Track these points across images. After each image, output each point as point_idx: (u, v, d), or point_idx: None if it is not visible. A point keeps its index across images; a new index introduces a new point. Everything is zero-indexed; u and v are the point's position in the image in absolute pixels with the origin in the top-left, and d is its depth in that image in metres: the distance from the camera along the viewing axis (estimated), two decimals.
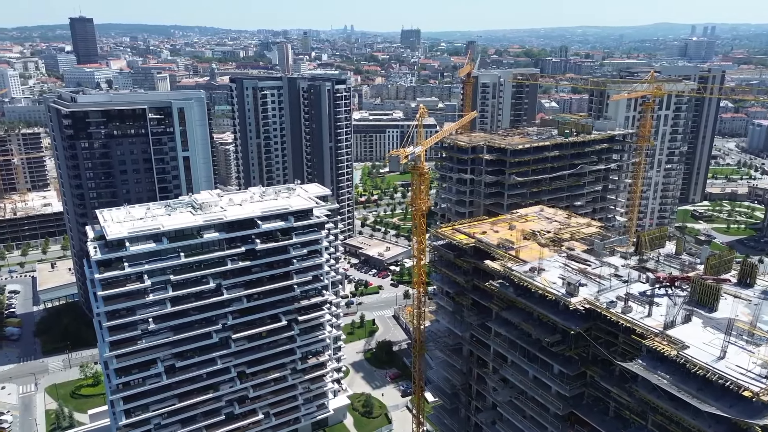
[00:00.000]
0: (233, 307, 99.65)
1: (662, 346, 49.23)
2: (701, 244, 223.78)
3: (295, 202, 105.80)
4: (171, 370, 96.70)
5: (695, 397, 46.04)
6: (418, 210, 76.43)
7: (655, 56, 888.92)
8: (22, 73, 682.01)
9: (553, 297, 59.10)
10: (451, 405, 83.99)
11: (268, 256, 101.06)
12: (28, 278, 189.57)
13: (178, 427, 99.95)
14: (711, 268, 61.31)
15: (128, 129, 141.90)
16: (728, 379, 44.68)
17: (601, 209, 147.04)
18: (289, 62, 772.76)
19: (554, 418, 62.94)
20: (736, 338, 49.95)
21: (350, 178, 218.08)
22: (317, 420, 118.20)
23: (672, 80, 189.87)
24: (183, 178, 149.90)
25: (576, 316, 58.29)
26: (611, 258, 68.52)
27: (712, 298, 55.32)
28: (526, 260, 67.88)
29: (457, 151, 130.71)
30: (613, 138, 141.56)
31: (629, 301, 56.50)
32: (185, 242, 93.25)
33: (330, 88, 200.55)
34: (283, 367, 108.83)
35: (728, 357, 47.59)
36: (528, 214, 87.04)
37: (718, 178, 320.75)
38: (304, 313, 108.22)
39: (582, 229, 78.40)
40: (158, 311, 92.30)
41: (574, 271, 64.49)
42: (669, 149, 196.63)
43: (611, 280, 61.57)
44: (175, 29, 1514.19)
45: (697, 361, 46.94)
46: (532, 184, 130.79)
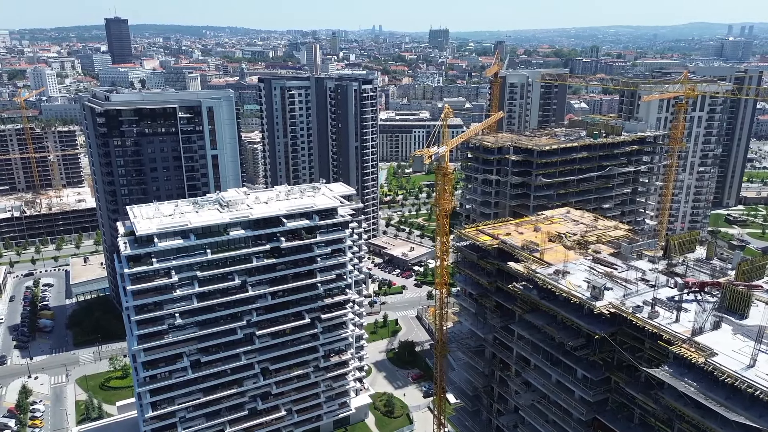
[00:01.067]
0: (258, 303, 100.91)
1: (690, 353, 48.13)
2: (734, 250, 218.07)
3: (319, 201, 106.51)
4: (196, 365, 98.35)
5: (723, 406, 44.89)
6: (442, 210, 76.23)
7: (690, 56, 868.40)
8: (59, 73, 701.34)
9: (578, 300, 58.28)
10: (472, 407, 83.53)
11: (293, 254, 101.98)
12: (62, 272, 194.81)
13: (203, 421, 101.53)
14: (743, 274, 59.68)
15: (159, 127, 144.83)
16: (758, 388, 43.44)
17: (630, 212, 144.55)
18: (317, 62, 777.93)
19: (577, 424, 62.06)
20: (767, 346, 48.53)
21: (375, 178, 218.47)
22: (339, 418, 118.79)
23: (706, 81, 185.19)
24: (211, 176, 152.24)
25: (601, 321, 57.39)
26: (639, 262, 67.25)
27: (743, 304, 53.84)
28: (551, 263, 67.06)
29: (483, 152, 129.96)
30: (643, 140, 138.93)
31: (656, 306, 55.37)
32: (212, 239, 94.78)
33: (357, 88, 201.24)
34: (305, 365, 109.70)
35: (758, 365, 46.28)
36: (554, 216, 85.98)
37: (753, 182, 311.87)
38: (327, 311, 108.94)
39: (609, 232, 77.10)
40: (185, 306, 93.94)
41: (599, 274, 63.50)
42: (702, 152, 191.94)
43: (638, 285, 60.41)
44: (207, 30, 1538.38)
45: (725, 368, 45.76)
46: (559, 185, 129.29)
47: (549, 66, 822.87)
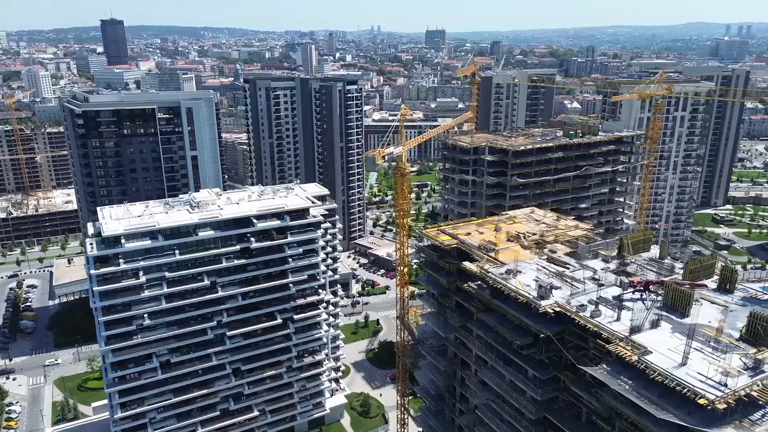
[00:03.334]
0: (228, 304, 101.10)
1: (625, 351, 48.40)
2: (720, 249, 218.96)
3: (291, 202, 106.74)
4: (166, 366, 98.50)
5: (654, 404, 45.15)
6: (400, 211, 76.45)
7: (686, 56, 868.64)
8: (54, 74, 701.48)
9: (525, 300, 58.55)
10: (436, 407, 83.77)
11: (264, 254, 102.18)
12: (46, 273, 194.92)
13: (174, 422, 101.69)
14: (690, 273, 59.96)
15: (138, 129, 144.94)
16: (685, 386, 43.72)
17: (609, 212, 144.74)
18: (312, 63, 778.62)
19: (528, 423, 62.30)
20: (703, 345, 48.85)
21: (361, 178, 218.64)
22: (314, 418, 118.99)
23: (687, 81, 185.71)
24: (191, 176, 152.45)
25: (548, 320, 57.66)
26: (592, 262, 67.55)
27: (684, 303, 54.12)
28: (505, 262, 67.34)
29: (459, 152, 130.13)
30: (620, 140, 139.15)
31: (600, 305, 55.66)
32: (181, 240, 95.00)
33: (341, 88, 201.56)
34: (278, 365, 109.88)
35: (690, 364, 46.57)
36: (517, 215, 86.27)
37: (743, 182, 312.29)
38: (299, 311, 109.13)
39: (569, 231, 77.36)
40: (154, 307, 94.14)
41: (550, 274, 63.77)
42: (686, 151, 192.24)
43: (587, 284, 60.72)
44: (205, 31, 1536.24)
45: (656, 367, 46.04)
46: (535, 185, 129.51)
47: (544, 66, 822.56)
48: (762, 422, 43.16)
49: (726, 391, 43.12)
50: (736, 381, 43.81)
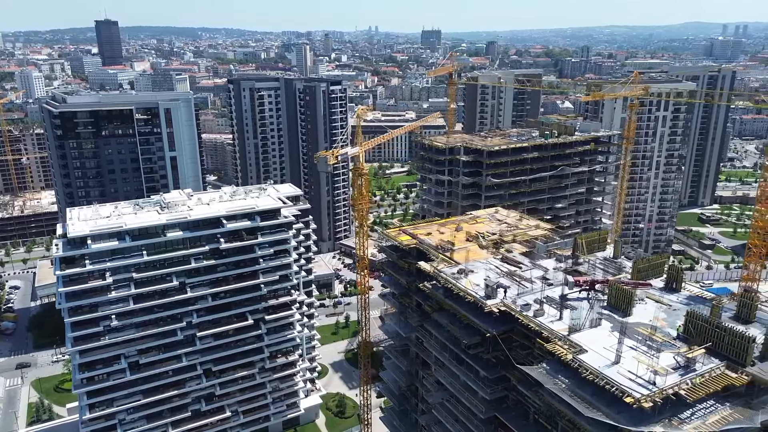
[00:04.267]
0: (198, 305, 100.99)
1: (561, 350, 48.61)
2: (705, 249, 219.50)
3: (262, 202, 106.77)
4: (135, 367, 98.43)
5: (587, 403, 45.35)
6: (359, 211, 76.63)
7: (680, 56, 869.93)
8: (48, 75, 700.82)
9: (472, 299, 58.74)
10: (399, 407, 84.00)
11: (234, 255, 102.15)
12: (30, 274, 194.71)
13: (144, 423, 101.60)
14: (638, 272, 60.19)
15: (116, 129, 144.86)
16: (614, 385, 43.93)
17: (586, 212, 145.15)
18: (307, 63, 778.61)
19: (480, 422, 62.49)
20: (639, 344, 49.06)
21: (346, 178, 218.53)
22: (288, 418, 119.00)
23: (669, 81, 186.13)
24: (170, 177, 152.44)
25: (494, 319, 57.85)
26: (546, 261, 67.76)
27: (626, 302, 54.33)
28: (459, 262, 67.53)
29: (435, 152, 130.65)
30: (597, 140, 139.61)
31: (545, 305, 55.88)
32: (148, 240, 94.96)
33: (325, 89, 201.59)
34: (250, 366, 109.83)
35: (623, 362, 46.78)
36: (481, 215, 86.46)
37: (731, 181, 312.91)
38: (271, 312, 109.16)
39: (529, 231, 77.57)
40: (121, 308, 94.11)
41: (502, 273, 63.97)
42: (668, 151, 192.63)
43: (536, 283, 60.92)
44: (203, 31, 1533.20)
45: (588, 366, 46.25)
46: (511, 185, 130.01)
47: (539, 66, 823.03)
48: (691, 420, 43.34)
49: (653, 389, 43.34)
50: (664, 380, 44.01)
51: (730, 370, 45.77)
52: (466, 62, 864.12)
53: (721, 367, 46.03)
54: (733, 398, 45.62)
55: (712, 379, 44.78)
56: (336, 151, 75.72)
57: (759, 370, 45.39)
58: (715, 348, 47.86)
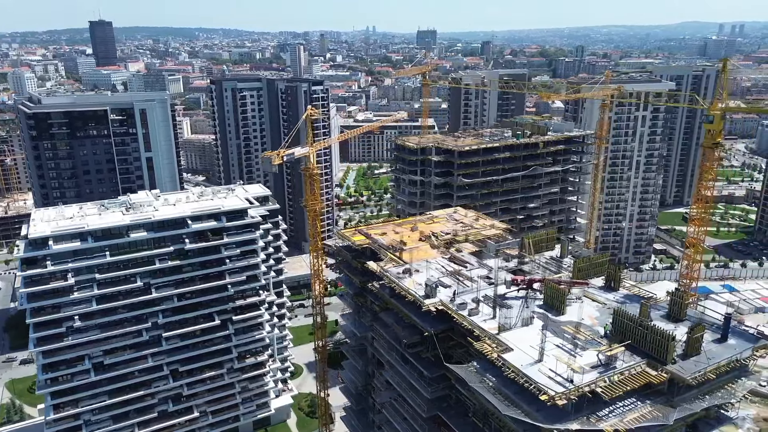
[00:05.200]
0: (164, 305, 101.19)
1: (487, 349, 48.93)
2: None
3: (229, 203, 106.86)
4: (100, 367, 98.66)
5: (510, 401, 45.67)
6: (310, 212, 76.89)
7: (674, 56, 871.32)
8: (42, 76, 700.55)
9: (412, 298, 59.05)
10: (357, 406, 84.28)
11: (199, 255, 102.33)
12: (11, 275, 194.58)
13: (110, 423, 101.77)
14: (579, 271, 60.53)
15: (91, 130, 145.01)
16: (532, 383, 44.25)
17: (561, 211, 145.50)
18: (301, 63, 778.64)
19: (423, 421, 62.80)
20: (566, 342, 49.38)
21: (329, 179, 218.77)
22: (259, 418, 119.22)
23: (648, 81, 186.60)
24: (146, 178, 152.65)
25: (434, 318, 58.13)
26: (493, 260, 68.05)
27: (559, 301, 54.67)
28: (407, 261, 67.80)
29: (407, 153, 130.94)
30: (570, 139, 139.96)
31: (481, 304, 56.18)
32: (111, 241, 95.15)
33: (306, 89, 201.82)
34: (219, 366, 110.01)
35: (546, 361, 47.09)
36: (439, 215, 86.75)
37: (718, 180, 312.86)
38: (239, 312, 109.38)
39: (483, 231, 77.84)
40: (84, 309, 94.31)
41: (447, 273, 64.26)
42: (648, 150, 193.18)
43: (478, 283, 61.20)
44: (200, 32, 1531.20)
45: (511, 364, 46.57)
46: (483, 185, 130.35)
47: (533, 66, 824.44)
48: (609, 418, 43.67)
49: (570, 387, 43.65)
50: (582, 378, 44.33)
51: (650, 368, 46.12)
52: (461, 62, 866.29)
53: (642, 364, 46.37)
54: (655, 396, 46.00)
55: (631, 376, 45.12)
56: (282, 152, 75.91)
57: (679, 368, 45.73)
58: (638, 346, 48.23)
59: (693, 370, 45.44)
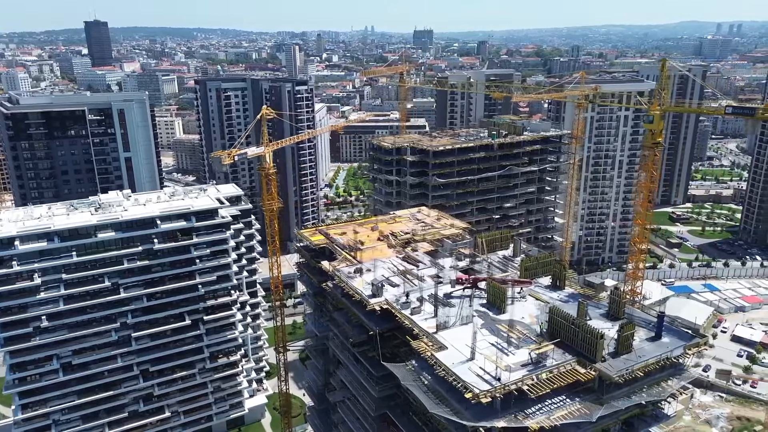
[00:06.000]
0: (133, 305, 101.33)
1: (422, 347, 49.16)
2: (672, 247, 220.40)
3: (199, 203, 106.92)
4: (69, 367, 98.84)
5: (442, 398, 45.90)
6: (267, 212, 77.07)
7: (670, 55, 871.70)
8: (36, 76, 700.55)
9: (359, 297, 59.28)
10: (319, 405, 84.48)
11: (169, 255, 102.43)
12: None
13: (79, 423, 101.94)
14: (525, 270, 60.77)
15: (69, 130, 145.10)
16: (460, 381, 44.50)
17: (538, 211, 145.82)
18: (297, 63, 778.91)
19: (372, 420, 63.01)
20: (501, 340, 49.62)
21: (314, 178, 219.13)
22: (232, 418, 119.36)
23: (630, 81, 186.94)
24: (125, 178, 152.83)
25: (380, 317, 58.34)
26: (446, 259, 68.28)
27: (500, 300, 54.91)
28: (362, 261, 68.04)
29: (383, 152, 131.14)
30: (546, 139, 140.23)
31: (425, 302, 56.43)
32: (78, 241, 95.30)
33: (290, 89, 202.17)
34: (190, 366, 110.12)
35: (477, 359, 47.33)
36: (402, 215, 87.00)
37: (707, 180, 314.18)
38: (211, 312, 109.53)
39: (442, 230, 78.07)
40: (51, 309, 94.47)
41: (398, 272, 64.49)
42: (630, 150, 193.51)
43: (427, 281, 61.43)
44: (198, 32, 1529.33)
45: (441, 362, 46.81)
46: (458, 185, 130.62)
47: (528, 65, 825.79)
48: (536, 415, 43.91)
49: (496, 385, 43.89)
50: (509, 376, 44.58)
51: (580, 366, 46.37)
52: (456, 62, 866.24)
53: (572, 362, 46.61)
54: (585, 394, 46.26)
55: (560, 374, 45.35)
56: (233, 151, 76.08)
57: (607, 366, 45.99)
58: (570, 344, 48.47)
59: (621, 367, 45.69)
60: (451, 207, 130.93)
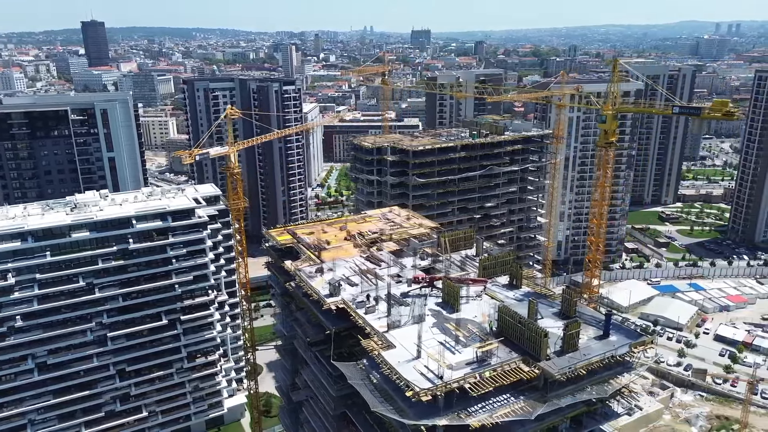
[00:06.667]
0: (108, 305, 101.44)
1: (371, 346, 49.33)
2: (659, 246, 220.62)
3: (176, 203, 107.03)
4: (44, 367, 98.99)
5: (385, 396, 46.07)
6: (233, 211, 77.23)
7: (667, 55, 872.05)
8: (33, 76, 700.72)
9: (316, 297, 59.45)
10: (288, 405, 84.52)
11: (144, 255, 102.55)
12: None
13: (56, 423, 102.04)
14: (484, 269, 60.94)
15: (51, 131, 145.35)
16: (402, 379, 44.67)
17: (520, 210, 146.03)
18: (293, 63, 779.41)
19: (332, 419, 63.18)
20: (450, 338, 49.80)
21: (302, 178, 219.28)
22: (211, 418, 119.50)
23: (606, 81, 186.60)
24: (109, 178, 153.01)
25: (338, 317, 58.50)
26: (409, 259, 68.42)
27: (454, 298, 55.08)
28: (326, 260, 68.20)
29: (364, 152, 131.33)
30: (528, 139, 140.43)
31: (380, 302, 56.59)
32: (53, 241, 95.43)
33: (278, 89, 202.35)
34: (168, 366, 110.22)
35: (422, 358, 47.49)
36: (372, 214, 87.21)
37: (699, 179, 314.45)
38: (188, 312, 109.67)
39: (410, 230, 78.22)
40: (25, 309, 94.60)
41: (359, 271, 64.64)
42: (616, 150, 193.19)
43: (386, 281, 61.56)
44: (197, 32, 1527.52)
45: (387, 360, 46.97)
46: (438, 185, 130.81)
47: (525, 65, 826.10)
48: (479, 413, 44.05)
49: (438, 383, 44.05)
50: (452, 374, 44.75)
51: (525, 364, 46.54)
52: (453, 62, 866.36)
53: (517, 361, 46.79)
54: (530, 392, 46.41)
55: (503, 372, 45.51)
56: (194, 151, 76.26)
57: (551, 365, 46.13)
58: (517, 343, 48.65)
59: (564, 366, 45.83)
60: (432, 207, 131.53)
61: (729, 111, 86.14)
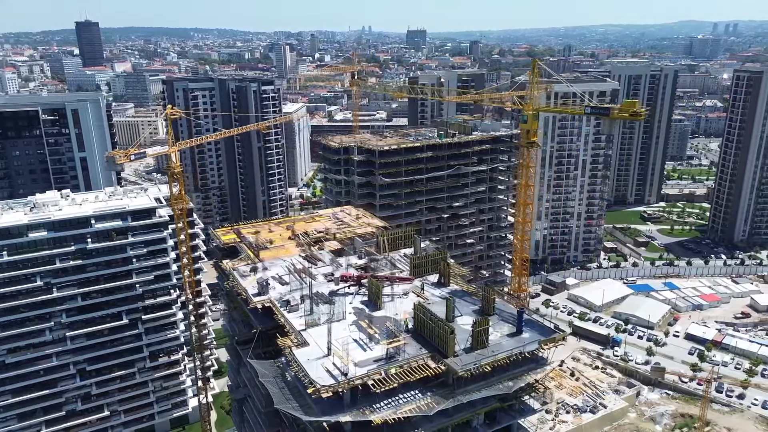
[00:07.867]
0: (67, 305, 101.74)
1: (286, 343, 49.69)
2: (639, 246, 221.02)
3: (136, 202, 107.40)
4: (2, 366, 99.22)
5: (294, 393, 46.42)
6: (176, 211, 77.49)
7: (661, 55, 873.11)
8: (26, 77, 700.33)
9: (244, 295, 59.81)
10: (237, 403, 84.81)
11: (104, 255, 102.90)
12: None
13: (15, 422, 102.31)
14: (414, 267, 61.30)
15: (22, 131, 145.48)
16: (306, 376, 45.03)
17: (490, 209, 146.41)
18: (287, 63, 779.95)
19: (265, 416, 63.47)
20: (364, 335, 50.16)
21: (282, 178, 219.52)
22: (176, 417, 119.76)
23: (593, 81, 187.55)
24: (81, 178, 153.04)
25: (265, 315, 58.85)
26: (350, 258, 68.77)
27: (377, 296, 55.45)
28: (264, 259, 68.54)
29: (331, 152, 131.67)
30: (497, 139, 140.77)
31: (306, 300, 56.92)
32: (9, 241, 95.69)
33: (256, 89, 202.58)
34: (130, 365, 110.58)
35: (333, 355, 47.84)
36: (323, 214, 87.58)
37: (684, 179, 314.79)
38: (150, 311, 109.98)
39: (357, 229, 78.57)
40: None
41: (294, 270, 64.98)
42: (593, 150, 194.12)
43: (318, 280, 61.95)
44: (195, 32, 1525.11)
45: (296, 358, 47.34)
46: (406, 184, 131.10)
47: (518, 65, 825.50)
48: (384, 409, 44.40)
49: (341, 380, 44.41)
50: (356, 371, 45.10)
51: (432, 361, 46.90)
52: (447, 62, 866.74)
53: (424, 357, 47.14)
54: (439, 388, 46.78)
55: (410, 369, 45.87)
56: (130, 151, 76.50)
57: (456, 361, 46.49)
58: (429, 339, 49.00)
59: (469, 362, 46.21)
60: (400, 206, 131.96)
61: (636, 111, 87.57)
